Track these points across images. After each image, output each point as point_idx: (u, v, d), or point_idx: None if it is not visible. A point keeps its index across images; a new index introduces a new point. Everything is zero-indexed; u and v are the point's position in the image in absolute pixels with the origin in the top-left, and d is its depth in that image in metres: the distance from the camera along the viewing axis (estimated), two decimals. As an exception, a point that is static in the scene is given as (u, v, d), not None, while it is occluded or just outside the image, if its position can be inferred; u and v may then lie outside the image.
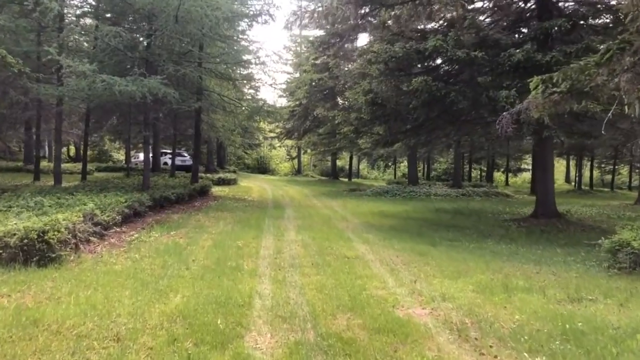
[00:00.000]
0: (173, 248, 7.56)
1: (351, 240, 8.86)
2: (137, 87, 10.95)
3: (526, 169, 43.76)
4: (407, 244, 8.58)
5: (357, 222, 11.44)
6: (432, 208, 15.19)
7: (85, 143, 18.66)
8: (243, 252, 7.53)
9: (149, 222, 10.06)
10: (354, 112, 12.05)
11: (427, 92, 9.76)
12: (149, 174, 13.95)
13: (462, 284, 5.98)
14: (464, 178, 31.36)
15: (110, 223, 8.69)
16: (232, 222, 10.50)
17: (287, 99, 38.56)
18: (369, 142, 13.01)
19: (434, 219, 12.43)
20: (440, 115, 11.07)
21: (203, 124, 19.27)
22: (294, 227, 10.23)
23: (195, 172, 17.57)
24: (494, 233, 10.39)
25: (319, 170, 46.81)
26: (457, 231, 10.46)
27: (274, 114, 16.83)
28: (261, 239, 8.69)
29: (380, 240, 8.87)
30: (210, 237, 8.59)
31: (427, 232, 10.09)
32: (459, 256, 7.69)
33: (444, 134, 14.46)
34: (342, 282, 5.96)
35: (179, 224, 9.89)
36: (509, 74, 9.55)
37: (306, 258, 7.26)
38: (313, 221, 11.32)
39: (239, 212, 12.57)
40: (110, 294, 5.23)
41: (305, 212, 13.27)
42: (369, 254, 7.67)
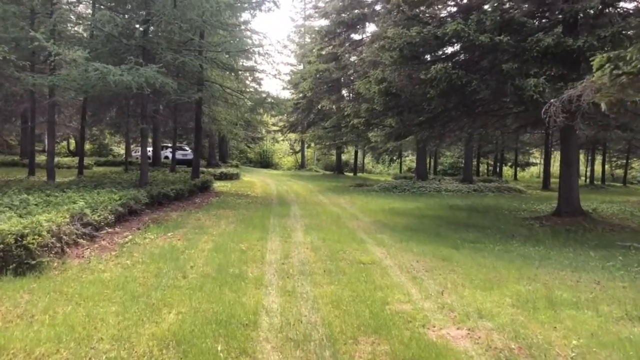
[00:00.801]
0: (169, 252, 6.83)
1: (364, 242, 8.12)
2: (133, 76, 10.19)
3: (534, 163, 42.92)
4: (426, 246, 7.83)
5: (368, 221, 10.69)
6: (445, 205, 14.42)
7: (82, 137, 17.94)
8: (247, 256, 6.80)
9: (145, 221, 9.34)
10: (365, 103, 11.27)
11: (447, 80, 8.97)
12: (147, 168, 13.22)
13: (498, 296, 5.23)
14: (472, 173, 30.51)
15: (101, 223, 7.98)
16: (234, 222, 9.76)
17: (290, 92, 37.74)
18: (381, 135, 12.23)
19: (450, 217, 11.67)
20: (456, 107, 10.28)
21: (204, 117, 18.51)
22: (301, 227, 9.49)
23: (196, 167, 16.83)
24: (518, 233, 9.63)
25: (322, 165, 46.06)
26: (478, 231, 9.70)
27: (278, 106, 16.04)
28: (266, 240, 7.96)
29: (396, 243, 8.12)
30: (211, 239, 7.85)
31: (446, 233, 9.34)
32: (486, 261, 6.93)
33: (457, 126, 13.66)
34: (361, 294, 5.23)
35: (177, 224, 9.16)
36: (536, 61, 8.74)
37: (317, 264, 6.53)
38: (321, 220, 10.58)
39: (242, 209, 11.84)
40: (93, 310, 4.51)
41: (312, 209, 12.53)
42: (386, 259, 6.93)
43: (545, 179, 24.32)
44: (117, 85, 10.04)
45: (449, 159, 40.57)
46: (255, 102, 16.08)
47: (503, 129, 14.51)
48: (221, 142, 37.90)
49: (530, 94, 8.16)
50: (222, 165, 32.57)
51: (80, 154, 17.80)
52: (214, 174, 22.03)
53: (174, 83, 11.12)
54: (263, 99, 15.77)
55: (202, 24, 13.06)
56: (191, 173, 16.81)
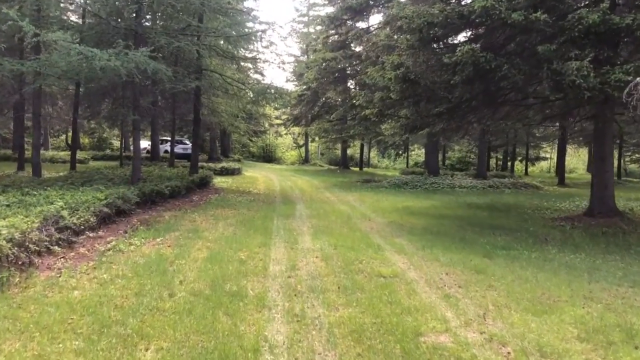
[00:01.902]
0: (156, 262, 5.84)
1: (382, 248, 7.11)
2: (121, 62, 9.17)
3: (544, 158, 41.71)
4: (453, 254, 6.81)
5: (382, 222, 9.68)
6: (462, 203, 13.38)
7: (75, 129, 16.99)
8: (247, 268, 5.81)
9: (133, 223, 8.35)
10: (379, 92, 10.23)
11: (474, 64, 7.90)
12: (140, 163, 12.23)
13: (557, 324, 4.23)
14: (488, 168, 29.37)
15: (82, 227, 6.99)
16: (234, 223, 8.77)
17: (294, 84, 36.66)
18: (395, 126, 11.17)
19: (471, 218, 10.64)
20: (477, 96, 9.22)
21: (204, 108, 17.49)
22: (308, 230, 8.49)
23: (195, 162, 15.84)
24: (551, 237, 8.60)
25: (326, 159, 44.97)
26: (506, 234, 8.68)
27: (281, 96, 15.00)
28: (269, 247, 6.96)
29: (418, 249, 7.11)
30: (206, 246, 6.86)
31: (471, 237, 8.31)
32: (526, 273, 5.92)
33: (476, 118, 12.59)
34: (386, 321, 4.23)
35: (169, 226, 8.17)
36: (575, 42, 7.66)
37: (329, 277, 5.53)
38: (330, 221, 9.58)
39: (243, 209, 10.84)
40: (49, 347, 3.53)
41: (319, 208, 11.52)
42: (409, 271, 5.92)
43: (560, 175, 23.22)
44: (104, 71, 9.03)
45: (457, 154, 39.36)
46: (258, 92, 15.04)
47: (524, 121, 13.41)
48: (223, 136, 36.88)
49: (572, 79, 7.10)
50: (223, 159, 31.58)
51: (73, 147, 16.86)
52: (215, 169, 21.04)
53: (168, 70, 10.10)
54: (265, 89, 14.74)
55: (199, 7, 12.01)
56: (189, 168, 15.82)
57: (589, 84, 7.07)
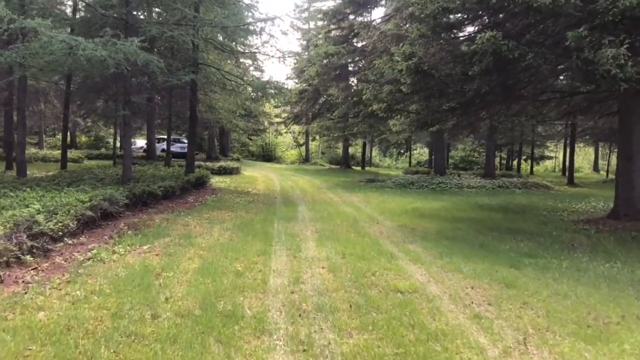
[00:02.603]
0: (141, 275, 5.11)
1: (395, 257, 6.37)
2: (108, 52, 8.43)
3: (549, 157, 40.99)
4: (476, 264, 6.08)
5: (391, 226, 8.95)
6: (474, 204, 12.65)
7: (65, 127, 16.23)
8: (244, 281, 5.08)
9: (120, 227, 7.62)
10: (388, 85, 9.47)
11: (494, 54, 7.17)
12: (131, 162, 11.49)
13: (618, 356, 3.50)
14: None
15: (60, 233, 6.26)
16: (230, 227, 8.03)
17: (294, 82, 35.90)
18: (405, 123, 10.42)
19: (486, 221, 9.90)
20: (495, 89, 8.47)
21: (200, 105, 16.74)
22: (312, 235, 7.76)
23: (191, 160, 15.09)
24: (577, 242, 7.87)
25: (327, 158, 44.24)
26: (528, 239, 7.94)
27: (281, 92, 14.24)
28: (270, 255, 6.23)
29: (436, 258, 6.38)
30: (199, 254, 6.12)
31: (491, 243, 7.58)
32: (563, 288, 5.19)
33: (488, 114, 11.87)
34: (410, 350, 3.52)
35: (159, 231, 7.44)
36: (609, 27, 6.92)
37: (339, 293, 4.80)
38: (335, 224, 8.85)
39: (241, 211, 10.11)
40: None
41: (322, 210, 10.79)
42: (430, 284, 5.19)
43: (569, 174, 22.49)
44: (90, 62, 8.29)
45: (460, 152, 38.58)
46: (256, 87, 14.29)
47: (538, 118, 12.69)
48: (222, 135, 36.13)
49: (606, 69, 6.36)
50: (222, 159, 30.83)
51: (63, 146, 16.09)
52: (212, 169, 20.32)
53: (160, 61, 9.35)
54: (264, 84, 13.99)
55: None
56: (185, 168, 15.07)
57: (625, 74, 6.34)
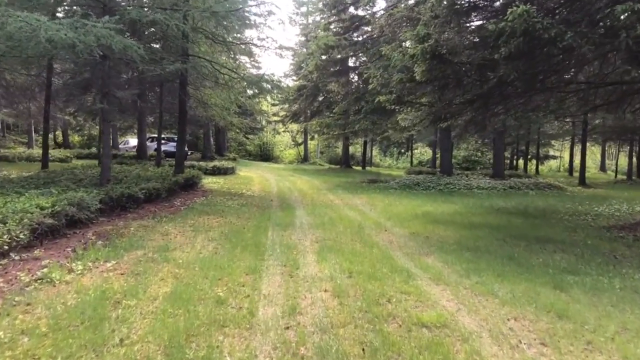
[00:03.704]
0: (95, 304, 4.02)
1: (412, 275, 5.29)
2: (78, 34, 7.34)
3: (554, 156, 40.01)
4: (512, 284, 5.00)
5: (402, 234, 7.86)
6: (489, 207, 11.57)
7: (46, 124, 15.11)
8: (225, 312, 3.99)
9: (88, 237, 6.53)
10: (398, 74, 8.37)
11: (526, 33, 6.10)
12: (110, 162, 10.40)
13: None
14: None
15: (5, 246, 5.17)
16: (217, 237, 6.94)
17: (292, 79, 34.84)
18: (418, 116, 9.31)
19: (507, 227, 8.81)
20: (523, 77, 7.39)
21: (192, 101, 15.64)
22: (312, 245, 6.67)
23: (180, 160, 13.98)
24: (619, 253, 6.79)
25: (326, 158, 43.13)
26: (562, 250, 6.87)
27: (277, 87, 13.16)
28: (261, 274, 5.14)
29: (461, 276, 5.29)
30: (173, 273, 5.03)
31: (521, 254, 6.50)
32: (630, 318, 4.12)
33: (505, 109, 10.79)
34: None
35: (132, 242, 6.34)
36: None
37: (347, 329, 3.72)
38: (338, 232, 7.76)
39: (231, 216, 9.03)
40: None
41: (323, 214, 9.71)
42: (461, 314, 4.11)
43: (581, 175, 21.43)
44: (54, 45, 7.19)
45: (462, 152, 37.48)
46: (251, 81, 13.20)
47: (558, 113, 11.60)
48: (218, 134, 35.00)
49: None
50: (218, 158, 29.71)
51: (44, 144, 14.99)
52: (205, 169, 19.23)
53: (140, 47, 8.25)
54: (259, 78, 12.90)
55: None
56: (174, 167, 13.98)
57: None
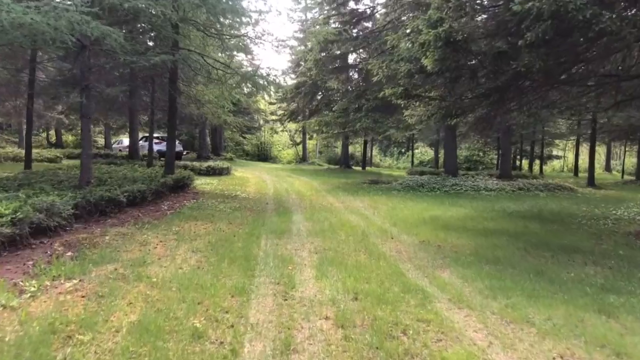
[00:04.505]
0: (36, 343, 3.21)
1: (428, 295, 4.48)
2: (47, 18, 6.54)
3: (557, 156, 39.32)
4: (549, 307, 4.20)
5: (410, 242, 7.06)
6: (500, 211, 10.77)
7: (29, 122, 14.28)
8: (202, 350, 3.19)
9: (54, 249, 5.71)
10: (406, 64, 7.55)
11: (554, 16, 5.32)
12: (91, 162, 9.57)
13: None
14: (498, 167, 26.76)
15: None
16: (202, 248, 6.12)
17: (290, 77, 34.01)
18: (428, 112, 8.49)
19: (525, 234, 8.01)
20: (549, 66, 6.62)
21: (183, 97, 14.82)
22: (310, 257, 5.87)
23: (170, 160, 13.16)
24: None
25: (325, 158, 42.32)
26: (593, 262, 6.07)
27: (273, 83, 12.34)
28: (249, 296, 4.33)
29: (486, 296, 4.49)
30: (144, 295, 4.22)
31: (548, 268, 5.69)
32: None
33: (519, 105, 10.03)
34: None
35: (104, 254, 5.53)
36: None
37: (355, 376, 2.91)
38: (339, 241, 6.96)
39: (222, 222, 8.22)
40: None
41: (322, 219, 8.91)
42: (494, 352, 3.31)
43: (589, 175, 20.64)
44: (15, 28, 6.38)
45: (464, 152, 36.72)
46: (245, 76, 12.37)
47: (575, 110, 10.86)
48: (214, 133, 34.21)
49: None
50: (214, 158, 28.90)
51: (26, 144, 14.17)
52: (200, 169, 18.42)
53: (119, 34, 7.43)
54: (254, 72, 12.10)
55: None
56: (164, 168, 13.15)
57: None
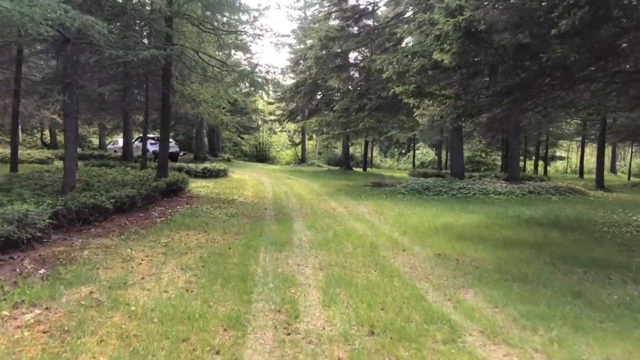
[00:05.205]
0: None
1: (455, 326, 3.80)
2: (20, 6, 5.86)
3: (560, 157, 38.70)
4: (602, 344, 3.55)
5: (425, 255, 6.38)
6: (515, 217, 10.09)
7: (15, 121, 13.58)
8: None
9: (25, 264, 5.02)
10: (419, 59, 6.87)
11: (592, 1, 4.66)
12: (75, 166, 8.86)
13: None
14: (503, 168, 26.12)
15: None
16: (192, 264, 5.43)
17: (290, 77, 33.35)
18: (445, 111, 7.79)
19: (547, 244, 7.33)
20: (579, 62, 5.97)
21: (177, 96, 14.14)
22: (315, 276, 5.18)
23: (163, 162, 12.46)
24: None
25: (325, 159, 41.62)
26: (634, 280, 5.39)
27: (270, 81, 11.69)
28: (245, 329, 3.64)
29: (524, 328, 3.82)
30: (119, 331, 3.52)
31: (587, 288, 5.01)
32: None
33: (534, 104, 9.37)
34: None
35: (80, 272, 4.84)
36: None
37: None
38: (346, 253, 6.28)
39: (216, 231, 7.53)
40: None
41: (325, 227, 8.23)
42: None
43: (598, 178, 20.00)
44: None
45: (466, 153, 36.03)
46: (242, 73, 11.69)
47: (593, 109, 10.21)
48: (211, 133, 33.49)
49: None
50: (211, 159, 28.19)
51: (12, 144, 13.46)
52: (195, 171, 17.73)
53: (103, 26, 6.74)
54: (252, 69, 11.44)
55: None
56: (157, 170, 12.45)
57: None
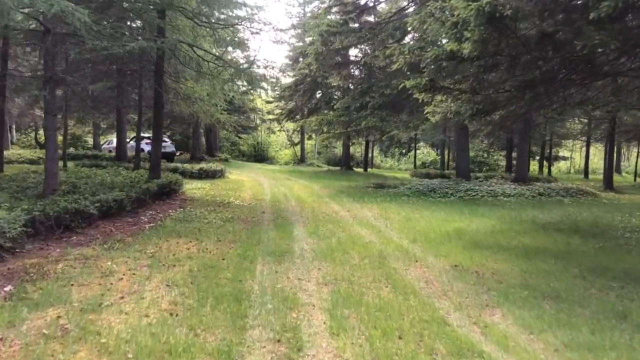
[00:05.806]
0: None
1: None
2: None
3: (564, 157, 38.11)
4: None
5: (440, 267, 5.76)
6: (529, 221, 9.47)
7: (1, 119, 12.91)
8: None
9: (-13, 282, 4.39)
10: (434, 48, 6.27)
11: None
12: (57, 167, 8.21)
13: None
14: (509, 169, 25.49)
15: None
16: (179, 280, 4.79)
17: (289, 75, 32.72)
18: (455, 107, 7.20)
19: (572, 253, 6.72)
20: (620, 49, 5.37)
21: (171, 94, 13.49)
22: (319, 294, 4.56)
23: (156, 162, 11.81)
24: None
25: (324, 159, 40.94)
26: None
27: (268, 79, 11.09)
28: (237, 365, 3.02)
29: (574, 365, 3.20)
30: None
31: (631, 308, 4.41)
32: None
33: (550, 101, 8.77)
34: None
35: (51, 291, 4.21)
36: None
37: None
38: (353, 265, 5.66)
39: (209, 239, 6.90)
40: None
41: (328, 234, 7.61)
42: None
43: (607, 179, 19.40)
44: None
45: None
46: (239, 68, 11.08)
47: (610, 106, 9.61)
48: (209, 133, 32.83)
49: None
50: (208, 159, 27.55)
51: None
52: (191, 172, 17.09)
53: (84, 12, 6.10)
54: (249, 65, 10.83)
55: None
56: (149, 171, 11.81)
57: None
